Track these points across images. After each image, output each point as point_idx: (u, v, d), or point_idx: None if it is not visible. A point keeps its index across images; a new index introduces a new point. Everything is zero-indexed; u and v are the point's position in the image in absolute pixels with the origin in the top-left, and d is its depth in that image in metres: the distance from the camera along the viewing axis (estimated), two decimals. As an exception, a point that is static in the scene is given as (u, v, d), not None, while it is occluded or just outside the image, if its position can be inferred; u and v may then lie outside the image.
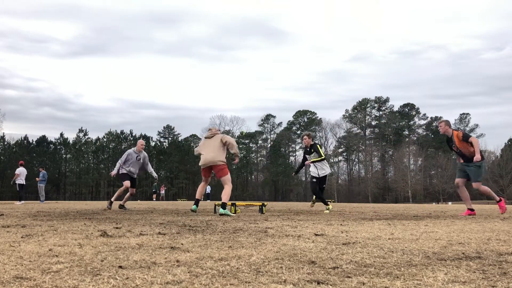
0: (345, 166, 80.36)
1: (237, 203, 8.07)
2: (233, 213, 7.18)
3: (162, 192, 41.95)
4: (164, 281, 1.76)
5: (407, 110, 79.73)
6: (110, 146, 74.27)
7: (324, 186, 9.58)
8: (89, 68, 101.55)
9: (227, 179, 7.17)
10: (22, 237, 3.30)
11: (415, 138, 78.27)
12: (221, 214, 6.71)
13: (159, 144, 78.34)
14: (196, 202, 7.53)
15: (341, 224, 4.93)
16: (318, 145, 9.57)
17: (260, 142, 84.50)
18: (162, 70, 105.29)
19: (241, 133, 59.99)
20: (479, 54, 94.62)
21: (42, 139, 71.00)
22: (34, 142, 70.69)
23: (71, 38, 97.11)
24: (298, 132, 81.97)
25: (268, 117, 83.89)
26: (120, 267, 2.06)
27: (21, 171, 17.82)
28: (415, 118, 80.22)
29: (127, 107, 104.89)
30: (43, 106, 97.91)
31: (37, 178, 19.56)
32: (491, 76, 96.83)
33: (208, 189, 39.54)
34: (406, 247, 2.86)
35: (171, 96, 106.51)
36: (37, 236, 3.40)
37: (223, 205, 6.86)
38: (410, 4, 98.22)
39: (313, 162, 9.36)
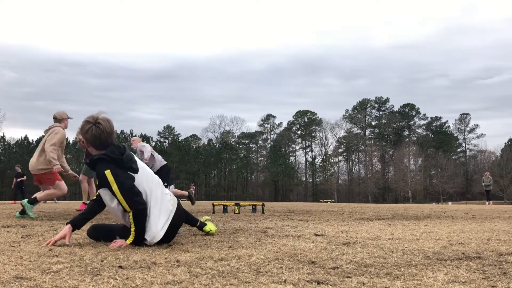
0: (345, 166, 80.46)
1: (241, 203, 8.08)
2: (236, 213, 7.18)
3: (192, 191, 41.44)
4: (164, 281, 1.76)
5: (407, 110, 79.73)
6: (110, 146, 74.22)
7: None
8: (88, 67, 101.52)
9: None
10: (22, 237, 3.30)
11: (415, 138, 78.26)
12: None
13: (159, 144, 78.34)
14: None
15: (341, 224, 4.93)
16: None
17: (260, 142, 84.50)
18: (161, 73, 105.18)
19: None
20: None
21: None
22: (34, 142, 70.67)
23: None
24: (298, 132, 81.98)
25: (268, 117, 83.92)
26: (120, 267, 2.06)
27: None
28: (415, 118, 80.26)
29: (127, 106, 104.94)
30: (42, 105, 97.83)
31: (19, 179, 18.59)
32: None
33: (172, 187, 38.52)
34: (406, 247, 2.86)
35: (171, 98, 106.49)
36: (37, 236, 3.41)
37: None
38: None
39: None
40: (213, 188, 76.03)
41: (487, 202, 21.92)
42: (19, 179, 18.28)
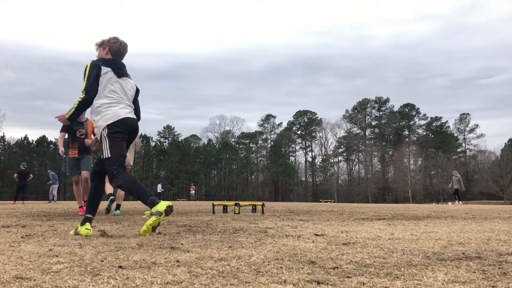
0: (345, 166, 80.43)
1: (241, 203, 8.08)
2: (237, 213, 7.17)
3: (192, 192, 41.49)
4: (164, 281, 1.76)
5: (407, 110, 79.75)
6: (110, 146, 74.05)
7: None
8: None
9: None
10: (22, 237, 3.31)
11: (415, 138, 78.26)
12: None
13: (159, 144, 78.33)
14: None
15: (341, 224, 4.93)
16: None
17: (260, 142, 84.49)
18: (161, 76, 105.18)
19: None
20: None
21: (42, 139, 71.01)
22: (34, 142, 70.68)
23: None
24: (298, 132, 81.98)
25: (268, 117, 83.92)
26: (120, 267, 2.06)
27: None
28: (415, 118, 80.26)
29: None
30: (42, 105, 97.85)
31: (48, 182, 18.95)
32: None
33: (159, 188, 38.83)
34: (406, 247, 2.86)
35: (171, 98, 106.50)
36: (37, 236, 3.41)
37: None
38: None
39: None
40: (213, 188, 75.98)
41: (457, 202, 21.30)
42: (24, 180, 17.09)
